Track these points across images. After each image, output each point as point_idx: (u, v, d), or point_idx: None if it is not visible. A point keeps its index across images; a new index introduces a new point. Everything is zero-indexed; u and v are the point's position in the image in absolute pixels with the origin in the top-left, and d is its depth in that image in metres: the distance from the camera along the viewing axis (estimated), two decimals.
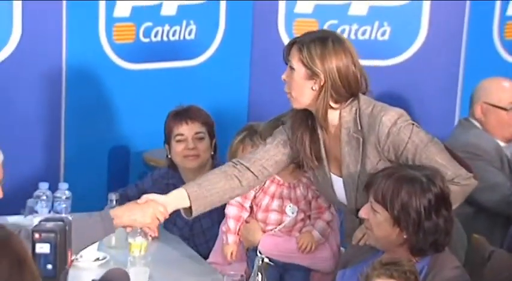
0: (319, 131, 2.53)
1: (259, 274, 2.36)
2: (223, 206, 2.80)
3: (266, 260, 2.38)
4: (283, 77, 2.50)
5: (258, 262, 2.39)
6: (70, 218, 1.69)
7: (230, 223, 2.81)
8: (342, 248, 2.85)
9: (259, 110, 4.03)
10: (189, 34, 4.05)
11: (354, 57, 2.47)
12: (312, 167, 2.57)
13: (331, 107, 2.47)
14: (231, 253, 2.79)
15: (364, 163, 2.47)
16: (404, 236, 2.31)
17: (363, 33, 4.06)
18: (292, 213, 2.75)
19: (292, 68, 2.47)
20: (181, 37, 4.04)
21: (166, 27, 4.00)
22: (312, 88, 2.45)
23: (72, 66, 3.82)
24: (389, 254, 2.32)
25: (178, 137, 3.18)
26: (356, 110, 2.47)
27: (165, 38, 4.00)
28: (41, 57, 3.75)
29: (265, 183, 2.77)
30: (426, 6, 4.04)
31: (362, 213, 2.36)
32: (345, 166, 2.51)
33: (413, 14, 4.06)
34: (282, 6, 4.08)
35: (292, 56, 2.47)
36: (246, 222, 2.81)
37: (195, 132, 3.18)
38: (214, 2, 4.05)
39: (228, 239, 2.81)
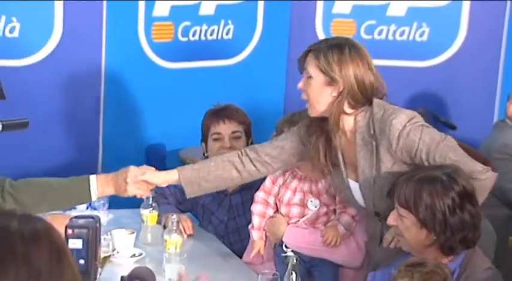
0: (334, 136, 2.54)
1: (293, 273, 2.37)
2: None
3: (297, 260, 2.38)
4: (300, 85, 2.53)
5: (291, 261, 2.40)
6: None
7: (255, 220, 2.84)
8: None
9: (295, 109, 4.03)
10: (227, 34, 4.07)
11: (370, 64, 2.49)
12: (328, 173, 2.61)
13: (345, 113, 2.49)
14: (258, 250, 2.81)
15: (378, 167, 2.48)
16: (434, 237, 2.30)
17: (401, 34, 4.04)
18: (315, 207, 2.76)
19: (309, 77, 2.49)
20: (219, 36, 4.06)
21: (204, 27, 4.02)
22: (330, 94, 2.48)
23: (111, 65, 3.87)
24: (420, 256, 2.32)
25: (215, 136, 3.20)
26: (369, 115, 2.48)
27: (203, 38, 4.03)
28: (81, 56, 3.79)
29: (287, 178, 2.78)
30: (466, 7, 4.01)
31: (390, 221, 2.36)
32: (361, 171, 2.52)
33: (453, 14, 4.03)
34: (319, 6, 4.09)
35: (309, 64, 2.50)
36: (271, 217, 2.83)
37: (232, 131, 3.19)
38: (252, 1, 4.07)
39: (254, 235, 2.83)
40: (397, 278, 2.18)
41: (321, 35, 4.12)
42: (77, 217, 1.86)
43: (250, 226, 2.88)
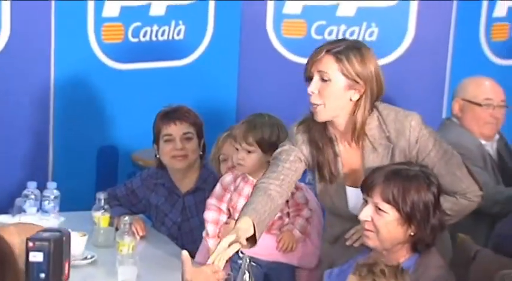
0: (337, 143, 2.49)
1: (247, 272, 2.37)
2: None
3: (251, 260, 2.38)
4: (312, 90, 2.39)
5: (244, 262, 2.40)
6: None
7: (209, 228, 2.82)
8: None
9: (248, 110, 4.03)
10: (178, 34, 4.06)
11: (378, 63, 2.46)
12: (328, 181, 2.51)
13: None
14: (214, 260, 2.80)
15: None
16: (411, 233, 2.33)
17: (351, 34, 4.08)
18: None
19: (325, 80, 2.39)
20: (170, 37, 4.04)
21: (155, 28, 4.01)
22: (350, 99, 2.41)
23: (61, 66, 3.83)
24: (387, 254, 2.34)
25: (167, 137, 3.19)
26: (378, 117, 2.44)
27: (153, 38, 4.01)
28: (29, 57, 3.74)
29: (239, 185, 2.78)
30: (413, 7, 4.07)
31: (363, 216, 2.34)
32: None
33: (401, 14, 4.09)
34: (270, 6, 4.10)
35: (327, 67, 2.39)
36: (226, 224, 2.81)
37: (183, 132, 3.19)
38: (203, 2, 4.06)
39: (209, 243, 2.81)
40: (349, 276, 2.21)
41: (272, 35, 4.14)
42: (44, 230, 1.82)
43: (204, 234, 2.86)
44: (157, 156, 3.24)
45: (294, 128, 2.54)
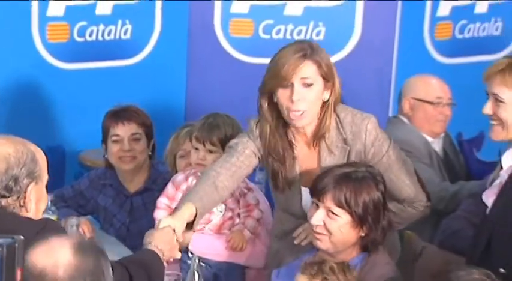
0: (295, 146, 2.48)
1: (196, 272, 2.37)
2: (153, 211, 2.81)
3: (200, 260, 2.38)
4: (297, 97, 2.38)
5: (193, 262, 2.39)
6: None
7: None
8: None
9: (196, 109, 4.03)
10: (125, 34, 4.03)
11: None
12: (281, 188, 2.51)
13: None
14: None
15: None
16: (362, 234, 2.36)
17: (298, 33, 4.11)
18: (220, 212, 2.75)
19: (308, 85, 2.40)
20: (117, 37, 4.01)
21: (101, 27, 3.97)
22: (323, 99, 2.43)
23: (4, 67, 3.76)
24: (336, 254, 2.37)
25: (114, 138, 3.16)
26: (335, 119, 2.46)
27: (100, 38, 3.97)
28: None
29: (191, 184, 2.77)
30: (359, 7, 4.11)
31: (315, 220, 2.36)
32: None
33: (347, 14, 4.13)
34: (218, 6, 4.10)
35: (308, 73, 2.39)
36: None
37: (132, 133, 3.16)
38: (150, 1, 4.04)
39: None
40: (298, 275, 2.24)
41: (220, 35, 4.14)
42: None
43: None
44: (105, 156, 3.21)
45: (252, 123, 2.54)
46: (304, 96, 2.40)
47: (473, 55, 4.34)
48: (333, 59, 4.15)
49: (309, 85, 2.40)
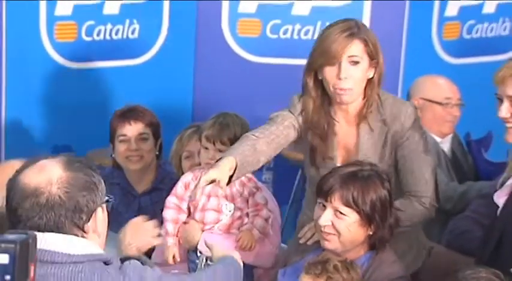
0: (337, 121, 2.54)
1: None
2: (161, 210, 2.81)
3: (207, 259, 2.38)
4: (344, 75, 2.45)
5: (201, 261, 2.39)
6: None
7: (168, 226, 2.80)
8: (283, 245, 2.88)
9: (204, 109, 4.03)
10: (132, 33, 4.03)
11: None
12: (321, 161, 2.55)
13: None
14: (173, 256, 2.79)
15: (382, 153, 2.53)
16: (370, 233, 2.37)
17: (306, 33, 4.11)
18: (230, 211, 2.75)
19: (355, 63, 2.47)
20: (125, 36, 4.02)
21: (109, 26, 3.98)
22: (367, 77, 2.50)
23: (13, 66, 3.77)
24: (343, 253, 2.37)
25: (122, 138, 3.17)
26: (376, 99, 2.53)
27: (107, 37, 3.98)
28: None
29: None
30: (367, 6, 4.11)
31: (323, 221, 2.35)
32: (363, 155, 2.53)
33: (355, 14, 4.11)
34: (225, 5, 4.10)
35: (356, 51, 2.46)
36: (185, 223, 2.81)
37: (139, 133, 3.16)
38: (158, 1, 4.05)
39: (168, 242, 2.79)
40: (304, 273, 2.24)
41: (227, 34, 4.14)
42: (9, 232, 1.82)
43: (163, 233, 2.84)
44: (113, 156, 3.22)
45: (295, 98, 2.59)
46: (351, 74, 2.46)
47: (481, 55, 4.33)
48: None
49: (356, 63, 2.47)
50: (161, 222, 2.89)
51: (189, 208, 2.82)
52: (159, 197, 3.06)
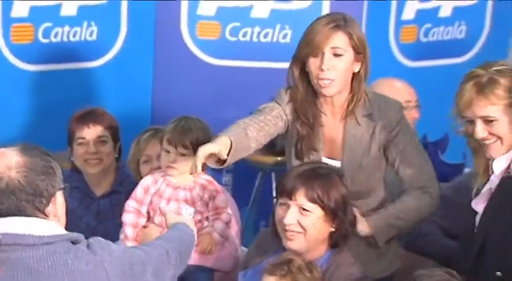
0: (323, 114, 2.56)
1: None
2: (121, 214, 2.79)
3: None
4: (326, 66, 2.47)
5: None
6: None
7: (127, 230, 2.78)
8: (243, 248, 2.88)
9: (163, 111, 4.02)
10: (90, 35, 3.99)
11: None
12: (307, 152, 2.57)
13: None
14: None
15: (369, 148, 2.54)
16: (332, 229, 2.40)
17: (265, 36, 4.12)
18: (190, 215, 2.75)
19: (338, 55, 2.48)
20: (82, 38, 3.98)
21: (67, 28, 3.93)
22: (353, 71, 2.51)
23: None
24: (306, 254, 2.39)
25: (80, 140, 3.14)
26: (364, 94, 2.54)
27: (65, 39, 3.94)
28: None
29: (160, 187, 2.76)
30: (326, 8, 4.13)
31: (289, 220, 2.37)
32: (348, 149, 2.55)
33: (313, 16, 4.11)
34: (184, 7, 4.09)
35: (339, 43, 2.48)
36: (144, 227, 2.79)
37: (98, 136, 3.14)
38: (115, 2, 4.01)
39: (127, 245, 2.77)
40: (263, 275, 2.25)
41: (186, 36, 4.13)
42: None
43: (122, 237, 2.82)
44: (72, 159, 3.19)
45: (282, 90, 2.62)
46: (334, 65, 2.48)
47: (438, 58, 4.39)
48: None
49: (339, 55, 2.49)
50: (120, 226, 2.88)
51: (148, 212, 2.80)
52: (118, 200, 3.04)
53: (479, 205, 2.36)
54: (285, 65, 4.18)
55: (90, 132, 3.13)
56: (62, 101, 3.84)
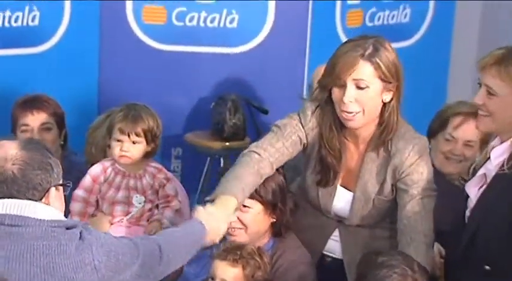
0: (345, 143, 2.38)
1: None
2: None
3: None
4: (349, 99, 2.25)
5: None
6: None
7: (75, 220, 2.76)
8: None
9: (110, 96, 3.97)
10: (33, 20, 3.91)
11: None
12: (325, 178, 2.40)
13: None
14: None
15: (382, 186, 2.37)
16: (273, 220, 2.40)
17: (212, 21, 4.09)
18: (139, 203, 2.74)
19: (362, 88, 2.26)
20: (25, 23, 3.89)
21: (8, 13, 3.85)
22: (382, 101, 2.30)
23: None
24: (251, 244, 2.40)
25: (24, 128, 3.09)
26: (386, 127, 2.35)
27: (6, 24, 3.85)
28: None
29: (110, 176, 2.74)
30: None
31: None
32: (363, 183, 2.38)
33: (260, 1, 4.14)
34: None
35: (364, 75, 2.26)
36: (93, 216, 2.77)
37: (41, 123, 3.09)
38: None
39: None
40: (214, 258, 2.25)
41: (132, 20, 4.07)
42: None
43: None
44: None
45: (308, 105, 2.41)
46: (357, 99, 2.27)
47: None
48: (247, 47, 4.20)
49: (363, 88, 2.27)
50: (67, 215, 2.83)
51: (97, 201, 2.77)
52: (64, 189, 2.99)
53: (471, 189, 2.33)
54: (232, 50, 4.20)
55: (34, 119, 3.08)
56: (5, 88, 3.76)
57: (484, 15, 4.67)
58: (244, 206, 2.37)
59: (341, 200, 2.43)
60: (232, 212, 2.27)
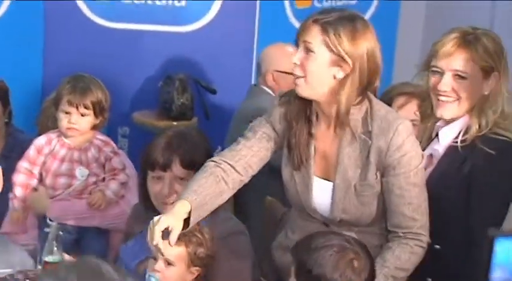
0: (314, 126, 2.25)
1: (54, 242, 2.32)
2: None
3: (57, 226, 2.32)
4: (294, 60, 2.17)
5: (53, 231, 2.34)
6: None
7: (17, 191, 2.74)
8: None
9: (54, 74, 3.90)
10: None
11: (378, 43, 2.18)
12: (296, 166, 2.26)
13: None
14: (18, 219, 2.73)
15: (365, 171, 2.21)
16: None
17: None
18: (82, 176, 2.72)
19: (310, 51, 2.15)
20: None
21: None
22: (334, 76, 2.16)
23: None
24: None
25: None
26: (367, 109, 2.20)
27: None
28: None
29: (54, 147, 2.71)
30: None
31: (167, 192, 2.31)
32: (341, 170, 2.22)
33: None
34: None
35: (312, 38, 2.14)
36: (35, 190, 2.74)
37: None
38: None
39: (15, 205, 2.73)
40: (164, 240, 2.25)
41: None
42: None
43: (11, 196, 2.76)
44: None
45: (276, 99, 2.35)
46: (303, 62, 2.17)
47: None
48: (195, 26, 4.17)
49: (310, 51, 2.16)
50: (10, 189, 2.81)
51: (41, 173, 2.75)
52: (8, 165, 2.95)
53: None
54: (180, 28, 4.17)
55: None
56: None
57: None
58: (182, 178, 2.29)
59: (320, 192, 2.28)
60: (182, 215, 2.15)
